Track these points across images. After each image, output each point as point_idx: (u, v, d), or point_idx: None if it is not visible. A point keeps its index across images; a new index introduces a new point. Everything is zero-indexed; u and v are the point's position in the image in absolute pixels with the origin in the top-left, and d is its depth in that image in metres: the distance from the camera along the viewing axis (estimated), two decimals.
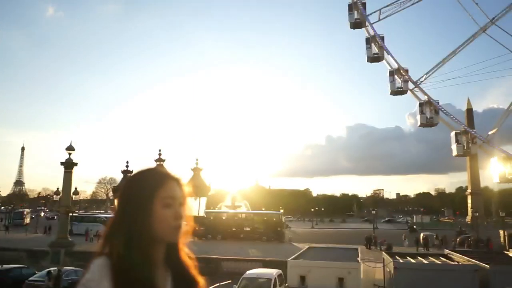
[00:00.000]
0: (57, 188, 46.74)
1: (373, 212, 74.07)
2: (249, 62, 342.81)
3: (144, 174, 1.62)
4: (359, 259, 24.19)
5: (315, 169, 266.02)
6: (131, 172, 14.33)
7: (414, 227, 76.58)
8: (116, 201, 1.64)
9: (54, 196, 54.55)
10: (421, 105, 38.44)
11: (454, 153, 38.08)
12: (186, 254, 1.67)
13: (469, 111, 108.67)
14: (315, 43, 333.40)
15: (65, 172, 28.69)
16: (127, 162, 17.75)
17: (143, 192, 1.54)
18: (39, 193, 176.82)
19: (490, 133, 37.78)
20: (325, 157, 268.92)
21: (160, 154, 14.54)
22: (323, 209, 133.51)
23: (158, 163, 14.17)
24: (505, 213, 71.70)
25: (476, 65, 54.13)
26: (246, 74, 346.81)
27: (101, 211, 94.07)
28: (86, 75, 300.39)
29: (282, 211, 64.80)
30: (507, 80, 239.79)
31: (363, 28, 41.28)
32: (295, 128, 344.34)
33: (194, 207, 10.95)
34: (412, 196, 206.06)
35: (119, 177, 26.62)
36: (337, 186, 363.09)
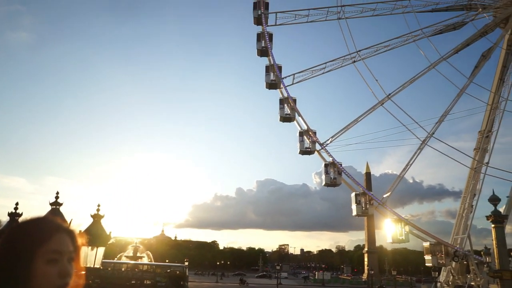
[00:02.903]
0: None
1: (278, 267, 74.55)
2: (164, 111, 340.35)
3: (29, 224, 1.45)
4: None
5: (223, 221, 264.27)
6: (20, 215, 12.92)
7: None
8: None
9: None
10: (326, 165, 40.90)
11: (354, 213, 40.59)
12: None
13: (368, 175, 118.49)
14: (232, 98, 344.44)
15: None
16: (17, 204, 15.96)
17: (24, 245, 1.36)
18: None
19: (385, 196, 41.23)
20: (234, 210, 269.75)
21: (57, 197, 13.35)
22: (228, 262, 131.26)
23: (54, 207, 12.96)
24: (397, 272, 77.05)
25: (375, 133, 59.76)
26: (159, 121, 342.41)
27: None
28: None
29: (187, 263, 62.46)
30: (400, 150, 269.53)
31: (278, 90, 43.84)
32: (206, 179, 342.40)
33: (90, 258, 10.08)
34: (315, 252, 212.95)
35: (5, 219, 23.71)
36: (244, 239, 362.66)
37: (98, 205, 12.62)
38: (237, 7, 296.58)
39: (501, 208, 37.61)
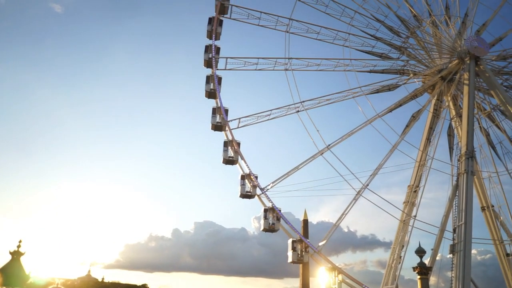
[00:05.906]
0: None
1: None
2: (100, 144, 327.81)
3: None
4: None
5: (157, 263, 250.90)
6: None
7: None
8: None
9: None
10: (265, 210, 41.00)
11: (290, 259, 40.55)
12: None
13: (305, 222, 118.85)
14: (175, 137, 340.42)
15: None
16: None
17: None
18: None
19: (320, 243, 41.85)
20: (170, 251, 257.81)
21: None
22: None
23: None
24: None
25: (314, 181, 61.33)
26: (94, 154, 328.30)
27: None
28: None
29: None
30: (337, 199, 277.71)
31: (223, 132, 44.28)
32: (141, 217, 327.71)
33: None
34: None
35: None
36: (177, 283, 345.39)
37: (20, 241, 11.77)
38: (187, 48, 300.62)
39: (426, 260, 39.73)
